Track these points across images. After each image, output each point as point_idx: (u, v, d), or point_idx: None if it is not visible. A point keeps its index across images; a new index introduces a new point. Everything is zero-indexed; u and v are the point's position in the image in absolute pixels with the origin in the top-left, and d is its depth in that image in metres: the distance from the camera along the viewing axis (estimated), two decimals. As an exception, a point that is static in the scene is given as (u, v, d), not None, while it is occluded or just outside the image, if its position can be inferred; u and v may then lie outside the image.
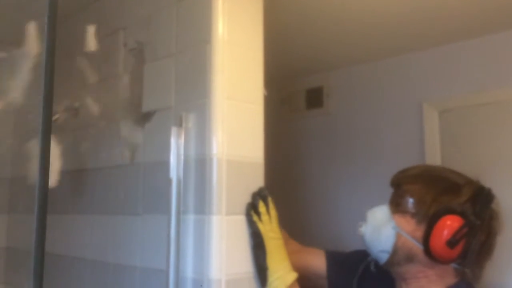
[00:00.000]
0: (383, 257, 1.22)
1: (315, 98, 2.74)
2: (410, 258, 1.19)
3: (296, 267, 1.26)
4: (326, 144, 2.68)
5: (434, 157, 2.21)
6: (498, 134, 2.05)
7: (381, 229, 1.22)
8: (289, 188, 2.73)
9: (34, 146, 0.82)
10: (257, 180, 1.28)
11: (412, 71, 2.34)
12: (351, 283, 1.38)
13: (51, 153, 0.76)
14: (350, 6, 1.78)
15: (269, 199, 1.26)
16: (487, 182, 1.98)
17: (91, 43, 1.52)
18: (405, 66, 2.38)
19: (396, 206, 1.23)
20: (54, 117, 1.70)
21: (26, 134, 2.08)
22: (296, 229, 1.55)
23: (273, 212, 1.26)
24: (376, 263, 1.28)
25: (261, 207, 1.23)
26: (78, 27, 1.86)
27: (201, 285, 1.16)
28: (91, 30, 1.55)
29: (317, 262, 1.48)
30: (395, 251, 1.20)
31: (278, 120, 2.87)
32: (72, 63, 1.86)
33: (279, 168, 2.60)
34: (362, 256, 1.35)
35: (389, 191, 1.31)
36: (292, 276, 1.23)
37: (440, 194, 1.18)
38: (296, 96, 2.83)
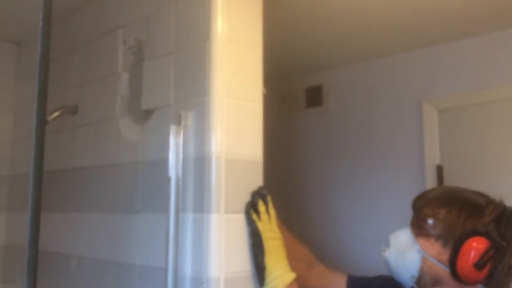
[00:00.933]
0: (410, 282, 1.22)
1: (314, 96, 2.74)
2: (437, 282, 1.19)
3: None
4: (325, 142, 2.68)
5: (433, 156, 2.21)
6: (498, 132, 2.05)
7: (406, 254, 1.21)
8: (288, 186, 2.73)
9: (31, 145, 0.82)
10: (256, 179, 1.28)
11: (412, 70, 2.34)
12: None
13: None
14: (349, 5, 1.78)
15: (269, 198, 1.26)
16: (487, 181, 1.99)
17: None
18: (404, 65, 2.37)
19: (419, 229, 1.22)
20: (53, 115, 1.70)
21: (24, 132, 2.08)
22: (295, 227, 1.54)
23: (272, 211, 1.25)
24: None
25: (261, 206, 1.23)
26: (77, 25, 1.86)
27: (203, 282, 1.15)
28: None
29: (336, 286, 1.47)
30: (421, 275, 1.19)
31: (278, 118, 2.87)
32: (72, 61, 1.86)
33: (278, 166, 2.60)
34: (387, 281, 1.34)
35: (388, 190, 1.31)
36: (290, 276, 1.23)
37: (464, 216, 1.17)
38: (295, 95, 2.83)
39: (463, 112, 2.16)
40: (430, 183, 2.17)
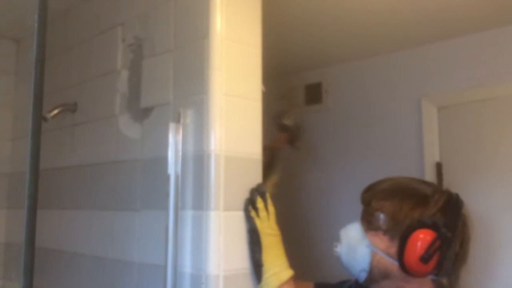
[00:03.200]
0: (362, 276, 1.22)
1: (314, 94, 2.74)
2: (386, 275, 1.18)
3: None
4: (324, 140, 2.68)
5: (432, 153, 2.22)
6: (497, 130, 2.05)
7: (356, 249, 1.21)
8: (287, 184, 2.73)
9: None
10: (255, 177, 1.28)
11: (411, 67, 2.34)
12: None
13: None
14: (349, 2, 1.78)
15: (267, 195, 1.26)
16: (487, 178, 2.00)
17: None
18: (404, 62, 2.37)
19: (368, 223, 1.22)
20: (52, 113, 1.70)
21: (24, 130, 2.08)
22: (292, 224, 1.55)
23: (271, 208, 1.26)
24: (356, 282, 1.27)
25: (259, 203, 1.23)
26: (76, 23, 1.86)
27: (202, 283, 1.16)
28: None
29: None
30: (371, 269, 1.19)
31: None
32: (71, 58, 1.86)
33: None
34: (351, 285, 1.34)
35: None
36: (287, 273, 1.23)
37: (410, 208, 1.16)
38: (295, 92, 2.83)
39: (463, 109, 2.16)
40: (430, 180, 2.17)
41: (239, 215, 1.23)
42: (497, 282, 1.93)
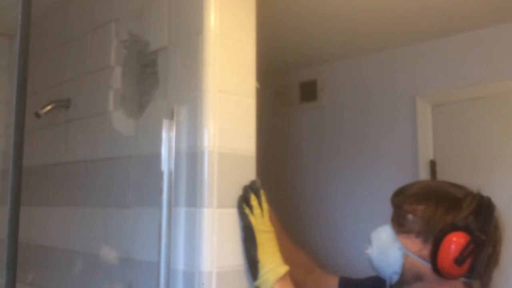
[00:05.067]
0: (394, 278, 1.22)
1: (308, 91, 2.74)
2: (419, 277, 1.19)
3: None
4: (319, 137, 2.68)
5: (426, 151, 2.22)
6: (491, 127, 2.05)
7: (388, 251, 1.22)
8: (282, 181, 2.73)
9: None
10: (249, 174, 1.28)
11: (406, 65, 2.34)
12: None
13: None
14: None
15: (262, 192, 1.26)
16: (481, 176, 2.00)
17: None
18: (398, 60, 2.38)
19: (399, 226, 1.23)
20: (45, 109, 1.69)
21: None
22: (287, 222, 1.55)
23: (265, 205, 1.25)
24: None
25: (253, 200, 1.23)
26: (70, 19, 1.85)
27: (203, 284, 1.15)
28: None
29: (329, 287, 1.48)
30: (403, 272, 1.20)
31: (272, 113, 2.87)
32: (64, 54, 1.85)
33: (271, 161, 2.61)
34: (377, 282, 1.35)
35: (382, 185, 1.31)
36: (283, 269, 1.23)
37: (444, 211, 1.17)
38: (290, 89, 2.83)
39: (457, 107, 2.17)
40: (424, 178, 2.18)
41: (233, 212, 1.23)
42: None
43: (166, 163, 1.23)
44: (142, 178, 1.39)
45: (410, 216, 1.21)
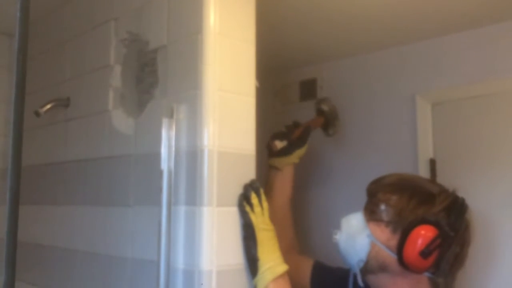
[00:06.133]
0: (357, 266, 1.22)
1: (308, 90, 2.74)
2: (384, 268, 1.19)
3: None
4: (319, 136, 2.68)
5: (426, 150, 2.22)
6: (491, 126, 2.05)
7: (356, 238, 1.22)
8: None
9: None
10: (249, 172, 1.28)
11: (405, 63, 2.34)
12: None
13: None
14: (343, -3, 1.78)
15: (261, 191, 1.26)
16: (481, 174, 2.00)
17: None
18: (398, 58, 2.37)
19: (371, 214, 1.23)
20: (45, 108, 1.69)
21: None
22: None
23: (265, 204, 1.26)
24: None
25: (254, 199, 1.23)
26: (69, 17, 1.85)
27: (202, 284, 1.15)
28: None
29: (304, 269, 1.48)
30: (369, 260, 1.20)
31: (271, 111, 2.86)
32: (64, 53, 1.85)
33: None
34: (345, 274, 1.35)
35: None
36: (282, 267, 1.23)
37: (416, 204, 1.17)
38: (289, 88, 2.82)
39: (457, 105, 2.17)
40: (423, 176, 2.17)
41: (233, 211, 1.23)
42: (494, 282, 1.94)
43: (165, 162, 1.23)
44: (142, 177, 1.39)
45: (382, 205, 1.21)
